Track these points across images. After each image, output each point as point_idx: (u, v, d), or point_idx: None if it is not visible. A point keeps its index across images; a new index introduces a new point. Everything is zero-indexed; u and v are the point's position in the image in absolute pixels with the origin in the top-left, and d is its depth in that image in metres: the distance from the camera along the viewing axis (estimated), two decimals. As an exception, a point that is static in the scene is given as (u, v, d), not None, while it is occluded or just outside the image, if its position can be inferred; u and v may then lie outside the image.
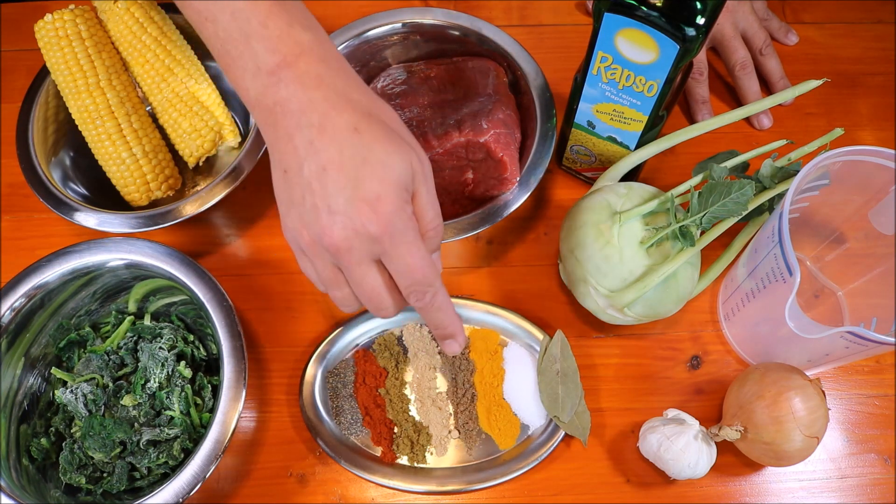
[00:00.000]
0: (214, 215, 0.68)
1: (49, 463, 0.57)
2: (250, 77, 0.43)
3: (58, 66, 0.62)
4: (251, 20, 0.42)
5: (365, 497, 0.58)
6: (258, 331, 0.63)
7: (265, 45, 0.42)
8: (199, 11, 0.43)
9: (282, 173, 0.43)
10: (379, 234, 0.41)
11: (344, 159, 0.41)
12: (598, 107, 0.58)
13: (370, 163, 0.41)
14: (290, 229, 0.45)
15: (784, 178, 0.57)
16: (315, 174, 0.41)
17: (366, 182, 0.41)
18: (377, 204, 0.41)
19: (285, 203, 0.44)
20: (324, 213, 0.41)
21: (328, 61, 0.43)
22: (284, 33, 0.42)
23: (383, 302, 0.45)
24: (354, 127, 0.42)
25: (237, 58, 0.43)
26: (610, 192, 0.58)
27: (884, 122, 0.72)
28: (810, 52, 0.76)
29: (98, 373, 0.58)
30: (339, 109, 0.42)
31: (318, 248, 0.43)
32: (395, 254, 0.43)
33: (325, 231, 0.42)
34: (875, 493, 0.58)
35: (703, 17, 0.47)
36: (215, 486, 0.58)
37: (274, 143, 0.43)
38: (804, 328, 0.49)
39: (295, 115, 0.42)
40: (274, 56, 0.42)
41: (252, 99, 0.43)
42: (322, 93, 0.42)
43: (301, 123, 0.42)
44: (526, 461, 0.57)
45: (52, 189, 0.61)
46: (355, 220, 0.41)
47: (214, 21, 0.43)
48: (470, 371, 0.61)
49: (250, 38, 0.42)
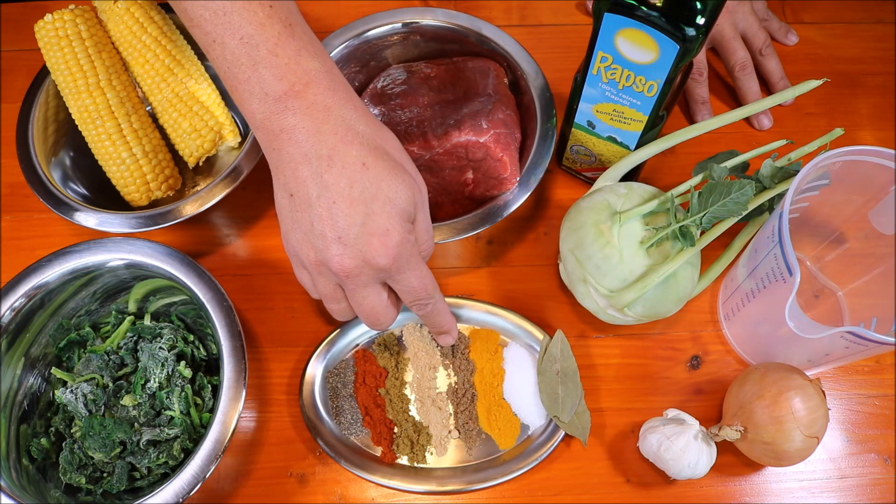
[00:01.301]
0: (214, 215, 0.68)
1: (49, 463, 0.57)
2: (257, 101, 0.43)
3: (58, 66, 0.62)
4: (260, 47, 0.42)
5: (365, 497, 0.58)
6: (258, 331, 0.64)
7: (273, 73, 0.42)
8: (207, 33, 0.43)
9: (287, 195, 0.45)
10: (387, 264, 0.45)
11: (353, 194, 0.43)
12: (598, 107, 0.58)
13: (379, 199, 0.43)
14: (293, 245, 0.46)
15: (784, 178, 0.57)
16: (325, 206, 0.43)
17: (375, 217, 0.43)
18: (386, 238, 0.44)
19: (289, 221, 0.46)
20: (333, 242, 0.44)
21: (336, 91, 0.44)
22: (293, 61, 0.43)
23: (379, 318, 0.49)
24: (363, 162, 0.43)
25: (244, 81, 0.43)
26: (610, 192, 0.58)
27: (884, 122, 0.72)
28: (810, 52, 0.76)
29: (98, 373, 0.58)
30: (348, 143, 0.43)
31: (324, 269, 0.46)
32: (401, 277, 0.46)
33: (334, 259, 0.44)
34: (875, 493, 0.58)
35: (703, 17, 0.47)
36: (215, 486, 0.58)
37: (279, 165, 0.44)
38: (804, 328, 0.49)
39: (302, 144, 0.43)
40: (282, 84, 0.42)
41: (257, 121, 0.44)
42: (331, 125, 0.43)
43: (309, 154, 0.43)
44: (526, 461, 0.57)
45: (52, 189, 0.61)
46: (365, 253, 0.44)
47: (222, 44, 0.43)
48: (470, 371, 0.61)
49: (258, 65, 0.42)
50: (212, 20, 0.42)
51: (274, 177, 0.46)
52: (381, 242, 0.44)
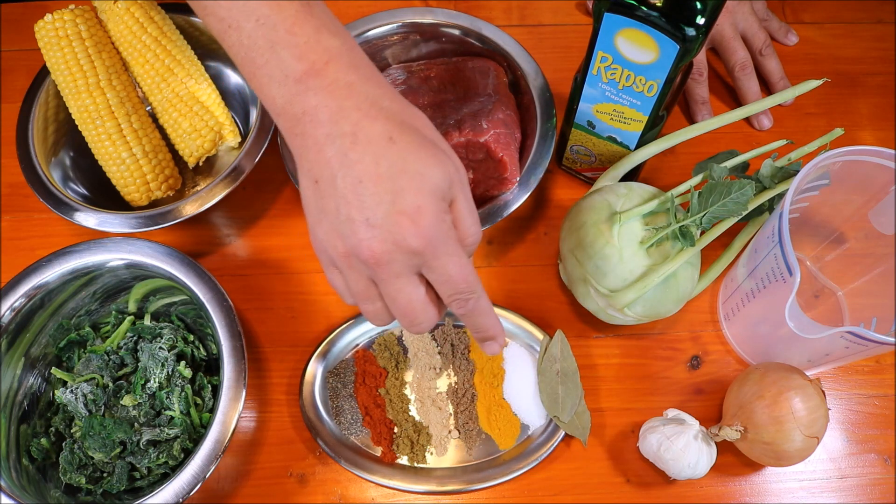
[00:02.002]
0: (214, 215, 0.68)
1: (49, 463, 0.57)
2: (276, 85, 0.41)
3: (58, 66, 0.62)
4: (277, 27, 0.40)
5: (365, 497, 0.58)
6: (258, 331, 0.64)
7: (292, 53, 0.40)
8: (222, 19, 0.41)
9: (312, 183, 0.41)
10: (420, 246, 0.40)
11: (380, 171, 0.39)
12: (598, 107, 0.58)
13: (408, 174, 0.40)
14: (320, 240, 0.43)
15: (784, 178, 0.57)
16: (350, 186, 0.40)
17: (405, 194, 0.40)
18: (417, 216, 0.40)
19: (315, 213, 0.42)
20: (361, 225, 0.40)
21: (358, 68, 0.42)
22: (312, 39, 0.41)
23: (418, 317, 0.43)
24: (389, 136, 0.40)
25: (262, 66, 0.41)
26: (610, 192, 0.58)
27: (884, 122, 0.72)
28: (810, 52, 0.76)
29: (98, 373, 0.58)
30: (372, 118, 0.40)
31: (354, 260, 0.42)
32: (437, 265, 0.41)
33: (362, 244, 0.40)
34: (875, 493, 0.58)
35: (703, 17, 0.47)
36: (215, 486, 0.58)
37: (302, 152, 0.42)
38: (804, 328, 0.49)
39: (325, 124, 0.40)
40: (301, 63, 0.40)
41: (278, 107, 0.42)
42: (353, 101, 0.40)
43: (332, 133, 0.40)
44: (526, 461, 0.57)
45: (52, 189, 0.61)
46: (395, 234, 0.40)
47: (238, 28, 0.41)
48: (470, 371, 0.61)
49: (276, 46, 0.40)
50: (227, 5, 0.41)
51: (298, 166, 0.43)
52: (411, 221, 0.39)
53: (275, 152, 0.63)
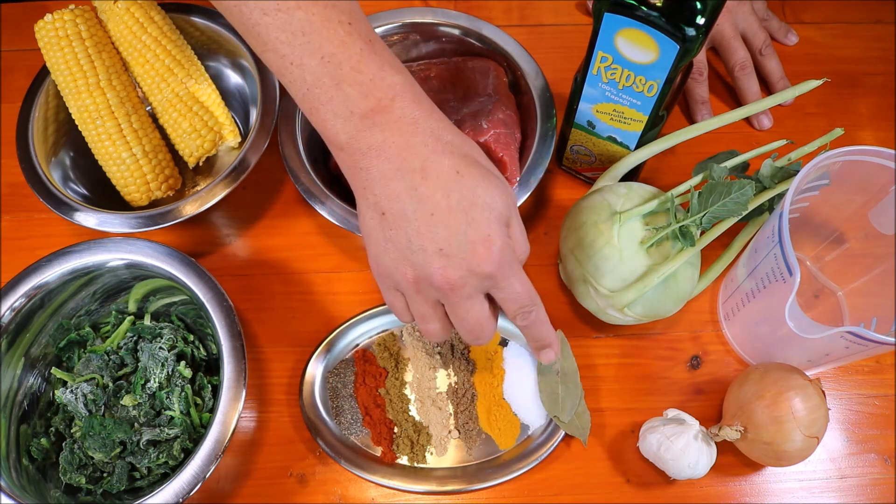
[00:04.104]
0: (214, 215, 0.68)
1: (49, 463, 0.57)
2: (341, 121, 0.42)
3: (58, 66, 0.62)
4: (343, 64, 0.41)
5: (365, 497, 0.58)
6: (258, 331, 0.64)
7: (358, 90, 0.41)
8: (284, 56, 0.42)
9: (378, 215, 0.43)
10: (492, 271, 0.43)
11: (451, 204, 0.42)
12: (598, 107, 0.58)
13: (477, 206, 0.43)
14: (386, 267, 0.45)
15: (784, 178, 0.57)
16: (423, 219, 0.42)
17: (476, 224, 0.42)
18: (489, 244, 0.43)
19: (381, 243, 0.44)
20: (435, 255, 0.43)
21: (421, 103, 0.43)
22: (377, 77, 0.42)
23: (484, 331, 0.47)
24: (456, 170, 0.42)
25: (326, 102, 0.42)
26: (610, 192, 0.58)
27: (884, 122, 0.72)
28: (810, 52, 0.76)
29: (98, 373, 0.58)
30: (439, 153, 0.42)
31: (424, 285, 0.45)
32: (505, 285, 0.45)
33: (437, 272, 0.43)
34: (875, 493, 0.58)
35: (703, 17, 0.47)
36: (215, 486, 0.58)
37: (367, 185, 0.43)
38: (804, 328, 0.49)
39: (393, 159, 0.42)
40: (367, 100, 0.41)
41: (341, 142, 0.43)
42: (420, 137, 0.42)
43: (402, 168, 0.42)
44: (526, 461, 0.57)
45: (52, 189, 0.61)
46: (470, 262, 0.43)
47: (301, 66, 0.42)
48: (470, 371, 0.61)
49: (342, 83, 0.41)
50: (289, 42, 0.41)
51: (360, 198, 0.44)
52: (485, 249, 0.43)
53: (275, 152, 0.63)
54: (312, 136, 0.64)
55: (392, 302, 0.48)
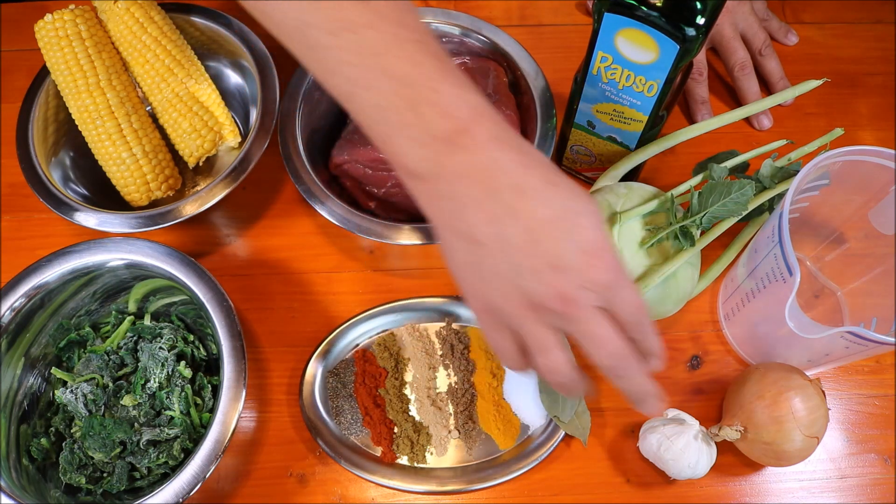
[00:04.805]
0: (214, 215, 0.68)
1: (49, 463, 0.57)
2: (419, 147, 0.39)
3: (58, 66, 0.62)
4: (419, 86, 0.38)
5: (365, 497, 0.58)
6: (258, 331, 0.64)
7: (437, 111, 0.38)
8: (352, 79, 0.39)
9: (473, 246, 0.40)
10: (609, 280, 0.40)
11: (554, 215, 0.39)
12: (598, 107, 0.58)
13: (580, 213, 0.40)
14: (492, 301, 0.41)
15: (784, 178, 0.57)
16: (527, 238, 0.39)
17: (584, 233, 0.39)
18: (601, 252, 0.39)
19: (476, 273, 0.41)
20: (547, 272, 0.39)
21: (499, 121, 0.40)
22: (455, 96, 0.39)
23: (616, 349, 0.41)
24: (549, 181, 0.40)
25: (401, 127, 0.39)
26: (610, 192, 0.58)
27: (884, 122, 0.72)
28: (810, 52, 0.76)
29: (98, 373, 0.58)
30: (529, 167, 0.39)
31: (539, 310, 0.40)
32: (622, 295, 0.41)
33: (551, 290, 0.39)
34: (875, 493, 0.58)
35: (703, 17, 0.47)
36: (215, 486, 0.58)
37: (456, 214, 0.40)
38: (804, 328, 0.49)
39: (484, 181, 0.39)
40: (448, 122, 0.38)
41: (421, 169, 0.40)
42: (508, 154, 0.39)
43: (494, 189, 0.39)
44: (526, 461, 0.57)
45: (52, 189, 0.61)
46: (585, 273, 0.39)
47: (371, 89, 0.39)
48: (470, 371, 0.61)
49: (419, 105, 0.38)
50: (359, 63, 0.38)
51: (447, 230, 0.41)
52: (598, 258, 0.39)
53: (275, 152, 0.63)
54: (312, 136, 0.64)
55: (500, 343, 0.43)
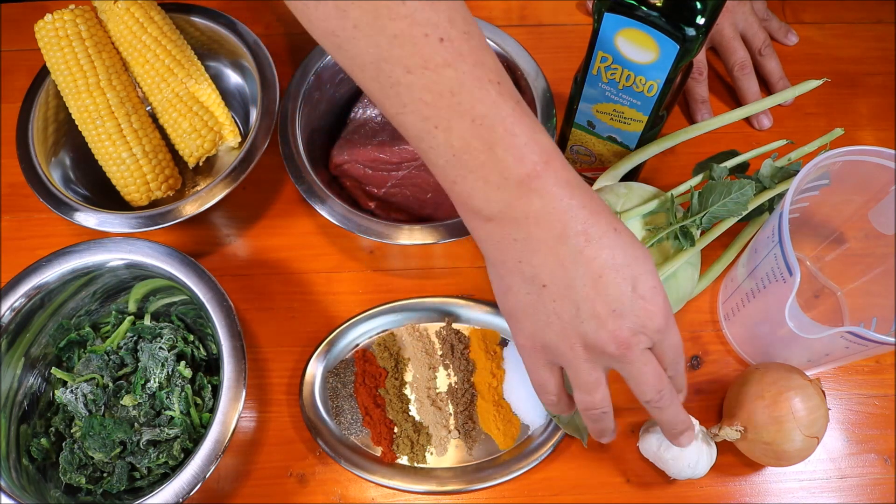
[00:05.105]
0: (214, 215, 0.68)
1: (49, 463, 0.57)
2: (494, 189, 0.39)
3: (58, 66, 0.62)
4: (496, 127, 0.38)
5: (365, 497, 0.58)
6: (258, 331, 0.64)
7: (513, 154, 0.38)
8: (427, 118, 0.38)
9: (537, 288, 0.41)
10: (663, 324, 0.42)
11: (617, 262, 0.41)
12: (598, 107, 0.58)
13: (638, 259, 0.41)
14: (549, 342, 0.43)
15: (784, 178, 0.57)
16: (591, 282, 0.40)
17: (641, 279, 0.41)
18: (655, 297, 0.42)
19: (535, 314, 0.42)
20: (608, 318, 0.41)
21: (566, 164, 0.41)
22: (531, 139, 0.39)
23: (663, 383, 0.45)
24: (613, 227, 0.41)
25: (476, 168, 0.39)
26: (610, 192, 0.58)
27: (884, 122, 0.72)
28: (810, 52, 0.76)
29: (98, 373, 0.58)
30: (596, 214, 0.41)
31: (597, 354, 0.43)
32: (669, 336, 0.43)
33: (611, 335, 0.41)
34: (875, 493, 0.58)
35: (703, 17, 0.47)
36: (215, 486, 0.58)
37: (522, 257, 0.41)
38: (804, 328, 0.49)
39: (555, 225, 0.40)
40: (523, 165, 0.39)
41: (493, 212, 0.40)
42: (577, 200, 0.40)
43: (564, 234, 0.40)
44: (526, 461, 0.57)
45: (52, 189, 0.61)
46: (642, 317, 0.41)
47: (448, 129, 0.38)
48: (470, 371, 0.61)
49: (495, 148, 0.38)
50: (435, 103, 0.38)
51: (511, 272, 0.42)
52: (653, 304, 0.41)
53: (275, 152, 0.63)
54: (312, 136, 0.64)
55: (544, 381, 0.46)
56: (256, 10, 0.77)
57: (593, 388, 0.45)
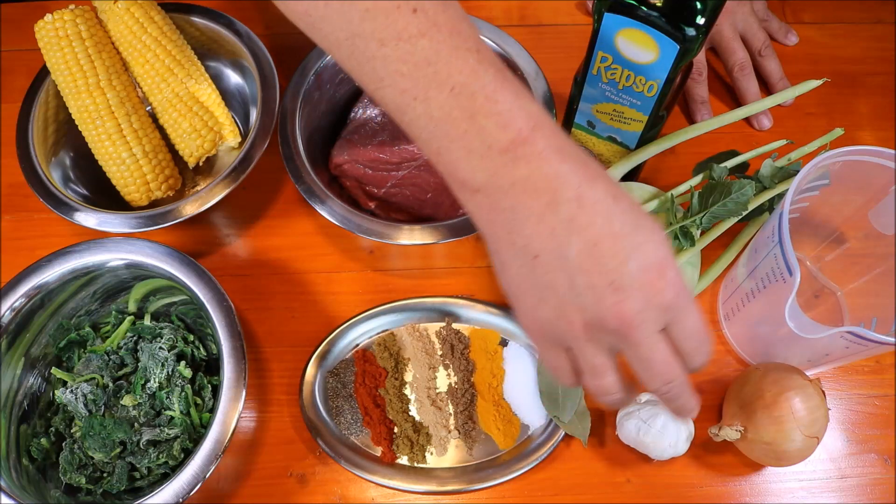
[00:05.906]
0: (214, 215, 0.68)
1: (49, 463, 0.57)
2: (477, 158, 0.38)
3: (58, 66, 0.62)
4: (476, 95, 0.37)
5: (365, 497, 0.58)
6: (258, 331, 0.64)
7: (496, 121, 0.37)
8: (405, 90, 0.38)
9: (529, 260, 0.39)
10: (673, 300, 0.38)
11: (615, 230, 0.37)
12: (598, 107, 0.58)
13: (643, 228, 0.38)
14: (546, 320, 0.40)
15: (784, 178, 0.57)
16: (585, 252, 0.37)
17: (646, 248, 0.38)
18: (664, 269, 0.38)
19: (535, 291, 0.40)
20: (606, 291, 0.37)
21: (559, 131, 0.39)
22: (514, 106, 0.38)
23: (674, 374, 0.40)
24: (612, 194, 0.38)
25: (458, 138, 0.38)
26: (610, 192, 0.57)
27: (884, 122, 0.72)
28: (810, 52, 0.76)
29: (98, 373, 0.58)
30: (591, 179, 0.38)
31: (597, 331, 0.39)
32: (684, 316, 0.39)
33: (610, 310, 0.38)
34: (875, 493, 0.58)
35: (703, 17, 0.47)
36: (215, 486, 0.58)
37: (512, 227, 0.39)
38: (804, 328, 0.49)
39: (543, 193, 0.38)
40: (507, 132, 0.37)
41: (478, 182, 0.39)
42: (569, 165, 0.38)
43: (554, 201, 0.37)
44: (526, 461, 0.57)
45: (52, 189, 0.61)
46: (647, 291, 0.38)
47: (426, 100, 0.38)
48: (470, 371, 0.61)
49: (476, 116, 0.37)
50: (412, 74, 0.37)
51: (503, 244, 0.40)
52: (660, 275, 0.37)
53: (275, 152, 0.63)
54: (312, 136, 0.64)
55: (555, 362, 0.43)
56: (256, 10, 0.77)
57: (599, 373, 0.41)
